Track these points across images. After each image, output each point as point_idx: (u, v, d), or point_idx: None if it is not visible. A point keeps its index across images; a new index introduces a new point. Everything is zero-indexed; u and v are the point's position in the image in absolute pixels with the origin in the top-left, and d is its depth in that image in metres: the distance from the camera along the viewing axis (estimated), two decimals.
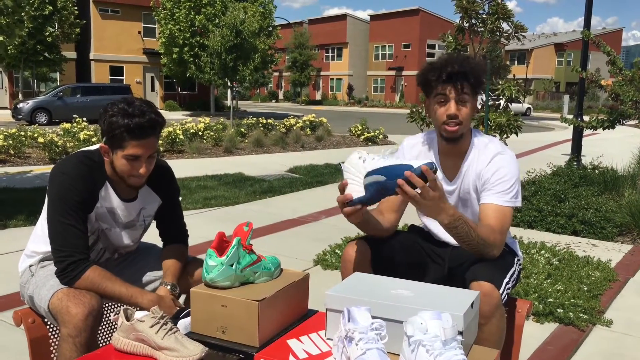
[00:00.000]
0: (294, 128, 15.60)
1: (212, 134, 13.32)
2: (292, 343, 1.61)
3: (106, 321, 2.13)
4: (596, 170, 7.74)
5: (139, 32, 33.81)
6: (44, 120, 21.28)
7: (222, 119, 16.38)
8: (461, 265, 2.03)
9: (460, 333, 1.42)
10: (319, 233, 5.59)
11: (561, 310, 3.52)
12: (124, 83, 29.85)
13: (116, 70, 33.51)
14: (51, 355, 1.96)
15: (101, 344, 2.05)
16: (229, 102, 30.54)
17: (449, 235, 1.98)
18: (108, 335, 2.15)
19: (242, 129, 14.68)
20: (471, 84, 2.05)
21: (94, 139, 10.95)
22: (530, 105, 37.09)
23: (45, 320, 1.99)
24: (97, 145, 2.05)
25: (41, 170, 9.22)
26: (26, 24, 18.70)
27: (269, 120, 16.27)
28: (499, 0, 5.87)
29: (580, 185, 7.05)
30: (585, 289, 3.91)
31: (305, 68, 48.56)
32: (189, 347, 1.54)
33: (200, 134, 13.15)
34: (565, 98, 30.81)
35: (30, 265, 2.10)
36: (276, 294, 1.68)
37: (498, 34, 5.90)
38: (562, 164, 8.79)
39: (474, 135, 2.18)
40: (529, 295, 3.71)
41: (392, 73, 50.99)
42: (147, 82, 34.60)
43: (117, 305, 2.11)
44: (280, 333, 1.68)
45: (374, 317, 1.41)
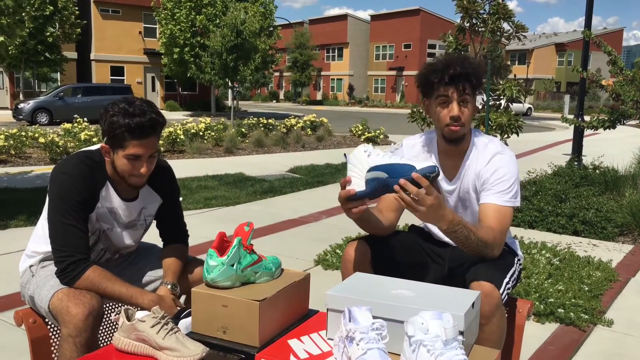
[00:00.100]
0: (295, 128, 15.60)
1: (213, 134, 13.33)
2: (293, 343, 1.61)
3: (107, 321, 2.13)
4: (597, 170, 7.74)
5: (140, 33, 33.84)
6: (44, 121, 21.29)
7: (223, 119, 16.39)
8: (461, 265, 2.03)
9: (461, 333, 1.42)
10: (319, 233, 5.59)
11: (562, 310, 3.52)
12: (125, 83, 29.78)
13: (117, 71, 33.55)
14: (52, 356, 1.96)
15: (102, 344, 2.05)
16: (229, 102, 30.57)
17: None
18: (109, 335, 2.15)
19: (243, 129, 14.68)
20: (472, 85, 2.04)
21: (94, 139, 10.95)
22: (531, 105, 37.09)
23: (46, 321, 1.99)
24: (98, 145, 2.05)
25: (42, 170, 9.22)
26: (27, 24, 18.74)
27: (270, 121, 16.27)
28: (500, 0, 5.87)
29: (581, 185, 7.05)
30: (586, 289, 3.91)
31: (306, 68, 48.55)
32: (189, 347, 1.54)
33: (201, 134, 13.15)
34: (566, 98, 30.83)
35: (30, 266, 2.10)
36: (277, 294, 1.68)
37: (499, 34, 5.91)
38: (563, 164, 8.80)
39: (474, 135, 2.17)
40: (529, 295, 3.70)
41: (393, 73, 50.97)
42: (148, 83, 34.62)
43: (118, 305, 2.11)
44: (281, 333, 1.68)
45: (374, 317, 1.41)
